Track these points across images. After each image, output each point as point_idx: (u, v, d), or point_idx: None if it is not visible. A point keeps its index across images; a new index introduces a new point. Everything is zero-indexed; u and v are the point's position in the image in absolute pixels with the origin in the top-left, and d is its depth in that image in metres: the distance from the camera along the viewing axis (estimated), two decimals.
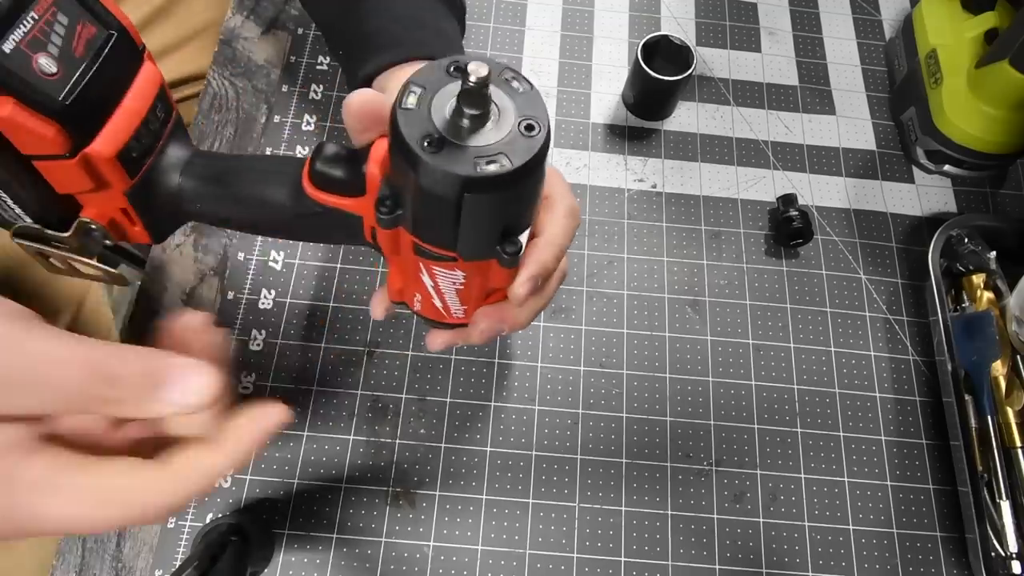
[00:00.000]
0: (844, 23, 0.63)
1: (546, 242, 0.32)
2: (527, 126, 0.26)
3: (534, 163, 0.26)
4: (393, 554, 0.43)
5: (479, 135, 0.26)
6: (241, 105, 0.56)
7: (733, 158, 0.56)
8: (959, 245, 0.50)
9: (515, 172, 0.25)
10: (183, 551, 0.42)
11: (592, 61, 0.60)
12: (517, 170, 0.25)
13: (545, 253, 0.32)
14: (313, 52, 0.58)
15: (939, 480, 0.47)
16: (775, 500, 0.46)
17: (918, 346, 0.51)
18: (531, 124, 0.26)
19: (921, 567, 0.45)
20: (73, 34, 0.27)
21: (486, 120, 0.26)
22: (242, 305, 0.49)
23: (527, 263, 0.31)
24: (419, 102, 0.26)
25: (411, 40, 0.40)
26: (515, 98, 0.27)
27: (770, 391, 0.49)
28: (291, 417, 0.27)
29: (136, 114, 0.29)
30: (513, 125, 0.26)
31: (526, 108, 0.27)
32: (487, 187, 0.25)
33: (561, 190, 0.35)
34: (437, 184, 0.25)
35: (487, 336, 0.34)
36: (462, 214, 0.26)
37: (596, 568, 0.44)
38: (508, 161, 0.25)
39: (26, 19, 0.25)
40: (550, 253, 0.32)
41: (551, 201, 0.34)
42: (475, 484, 0.45)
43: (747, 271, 0.52)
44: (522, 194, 0.27)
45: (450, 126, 0.26)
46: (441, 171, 0.25)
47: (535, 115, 0.26)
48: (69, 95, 0.27)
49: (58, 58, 0.26)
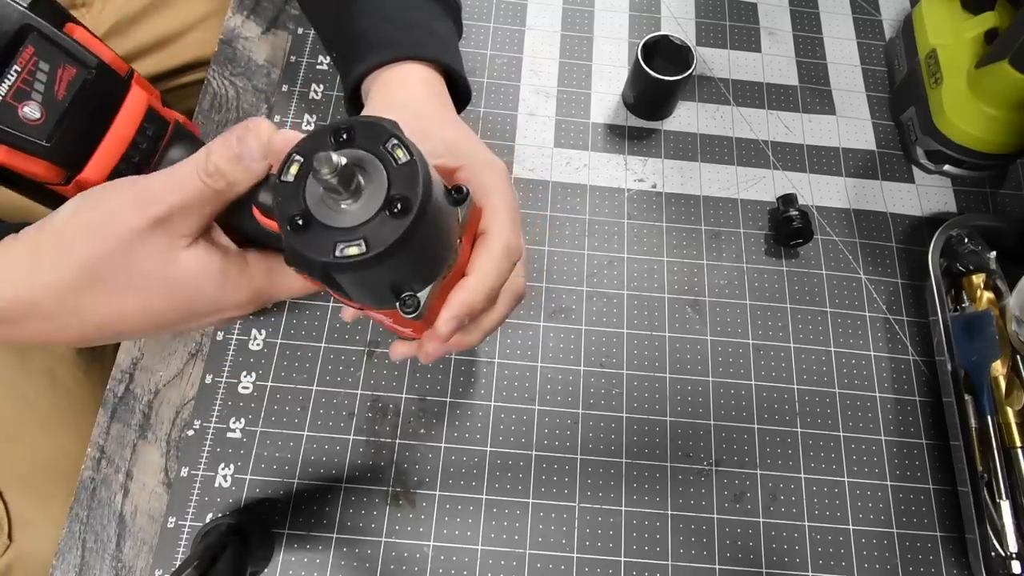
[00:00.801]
0: (844, 23, 0.63)
1: (474, 283, 0.31)
2: (396, 206, 0.25)
3: (398, 246, 0.25)
4: (393, 554, 0.43)
5: (345, 214, 0.25)
6: (241, 105, 0.56)
7: (733, 158, 0.56)
8: (959, 245, 0.50)
9: (375, 256, 0.25)
10: (183, 551, 0.42)
11: (592, 61, 0.60)
12: (377, 254, 0.25)
13: (471, 295, 0.31)
14: (313, 52, 0.58)
15: (939, 480, 0.47)
16: (775, 500, 0.46)
17: (918, 346, 0.51)
18: (400, 204, 0.25)
19: (921, 567, 0.45)
20: (54, 79, 0.29)
21: (355, 197, 0.25)
22: None
23: (450, 303, 0.31)
24: (297, 175, 0.26)
25: (402, 40, 0.40)
26: (392, 172, 0.26)
27: (770, 391, 0.49)
28: None
29: (123, 140, 0.31)
30: (381, 204, 0.25)
31: (400, 184, 0.25)
32: (348, 268, 0.25)
33: (500, 225, 0.33)
34: (304, 263, 0.26)
35: (434, 358, 0.34)
36: (339, 283, 0.26)
37: (596, 568, 0.44)
38: (365, 245, 0.25)
39: (10, 72, 0.28)
40: (477, 295, 0.31)
41: (487, 238, 0.32)
42: (475, 484, 0.45)
43: (747, 271, 0.52)
44: (397, 265, 0.26)
45: (320, 202, 0.25)
46: (301, 254, 0.25)
47: (407, 193, 0.25)
48: (52, 137, 0.29)
49: (42, 103, 0.29)
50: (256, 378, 0.47)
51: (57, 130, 0.29)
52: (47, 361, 0.54)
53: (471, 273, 0.32)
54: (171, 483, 0.44)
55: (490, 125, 0.56)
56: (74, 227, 0.28)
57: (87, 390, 0.56)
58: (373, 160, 0.26)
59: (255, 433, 0.45)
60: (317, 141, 0.27)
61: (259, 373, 0.47)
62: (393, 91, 0.39)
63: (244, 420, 0.46)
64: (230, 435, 0.45)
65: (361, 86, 0.41)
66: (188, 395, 0.46)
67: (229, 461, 0.45)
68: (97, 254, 0.28)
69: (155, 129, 0.32)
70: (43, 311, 0.29)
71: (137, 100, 0.32)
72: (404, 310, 0.28)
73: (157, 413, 0.46)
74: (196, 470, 0.44)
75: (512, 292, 0.35)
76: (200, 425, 0.45)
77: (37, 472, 0.52)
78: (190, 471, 0.44)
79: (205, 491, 0.44)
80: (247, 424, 0.46)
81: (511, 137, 0.56)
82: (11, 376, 0.52)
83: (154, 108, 0.33)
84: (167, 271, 0.29)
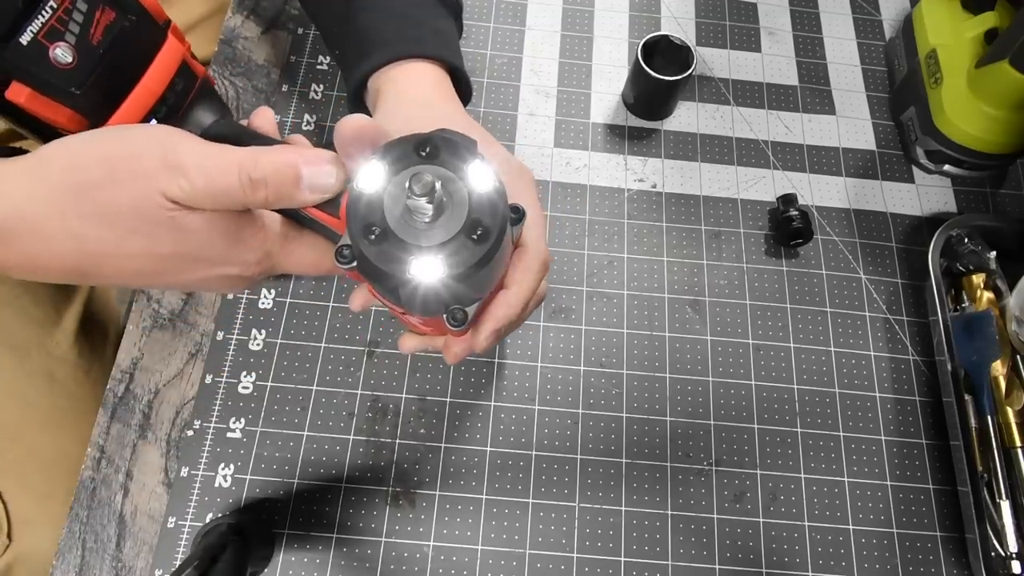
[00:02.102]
0: (844, 23, 0.63)
1: (514, 298, 0.32)
2: (477, 232, 0.25)
3: (473, 270, 0.25)
4: (393, 554, 0.43)
5: (425, 232, 0.25)
6: (241, 105, 0.56)
7: (733, 158, 0.56)
8: (959, 245, 0.50)
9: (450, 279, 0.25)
10: (183, 551, 0.42)
11: (592, 61, 0.60)
12: (453, 277, 0.25)
13: (511, 310, 0.31)
14: (313, 52, 0.58)
15: (939, 480, 0.47)
16: (775, 500, 0.46)
17: (918, 346, 0.51)
18: (481, 231, 0.25)
19: (921, 567, 0.45)
20: (91, 21, 0.27)
21: (437, 216, 0.25)
22: (242, 305, 0.49)
23: (493, 317, 0.31)
24: (378, 184, 0.26)
25: (406, 38, 0.40)
26: (475, 195, 0.26)
27: (770, 391, 0.49)
28: None
29: (152, 93, 0.29)
30: (462, 226, 0.25)
31: (481, 209, 0.26)
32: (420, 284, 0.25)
33: (536, 237, 0.33)
34: (375, 272, 0.26)
35: (461, 359, 0.34)
36: (401, 293, 0.26)
37: (596, 568, 0.44)
38: (443, 267, 0.25)
39: (45, 8, 0.25)
40: (515, 308, 0.32)
41: (525, 252, 0.32)
42: (475, 484, 0.45)
43: (747, 271, 0.52)
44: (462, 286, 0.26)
45: (399, 216, 0.25)
46: (375, 266, 0.25)
47: (488, 221, 0.25)
48: (83, 84, 0.27)
49: (75, 46, 0.26)
50: (256, 378, 0.47)
51: (88, 78, 0.27)
52: (47, 361, 0.54)
53: (511, 286, 0.32)
54: (171, 483, 0.44)
55: (490, 125, 0.56)
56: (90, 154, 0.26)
57: (87, 390, 0.56)
58: (455, 180, 0.26)
59: (255, 433, 0.45)
60: (400, 152, 0.26)
61: (259, 373, 0.47)
62: (404, 89, 0.39)
63: (244, 420, 0.46)
64: (230, 435, 0.45)
65: (366, 84, 0.41)
66: (188, 395, 0.46)
67: (229, 461, 0.45)
68: (109, 188, 0.26)
69: (184, 84, 0.31)
70: (41, 229, 0.26)
71: (172, 52, 0.30)
72: (452, 323, 0.28)
73: (157, 413, 0.46)
74: (196, 470, 0.44)
75: (537, 298, 0.35)
76: (200, 425, 0.45)
77: (37, 472, 0.52)
78: (190, 471, 0.44)
79: (205, 491, 0.44)
80: (247, 424, 0.46)
81: (511, 137, 0.56)
82: (11, 376, 0.52)
83: (187, 62, 0.31)
84: (178, 222, 0.27)
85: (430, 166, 0.26)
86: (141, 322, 0.48)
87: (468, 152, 0.27)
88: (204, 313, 0.49)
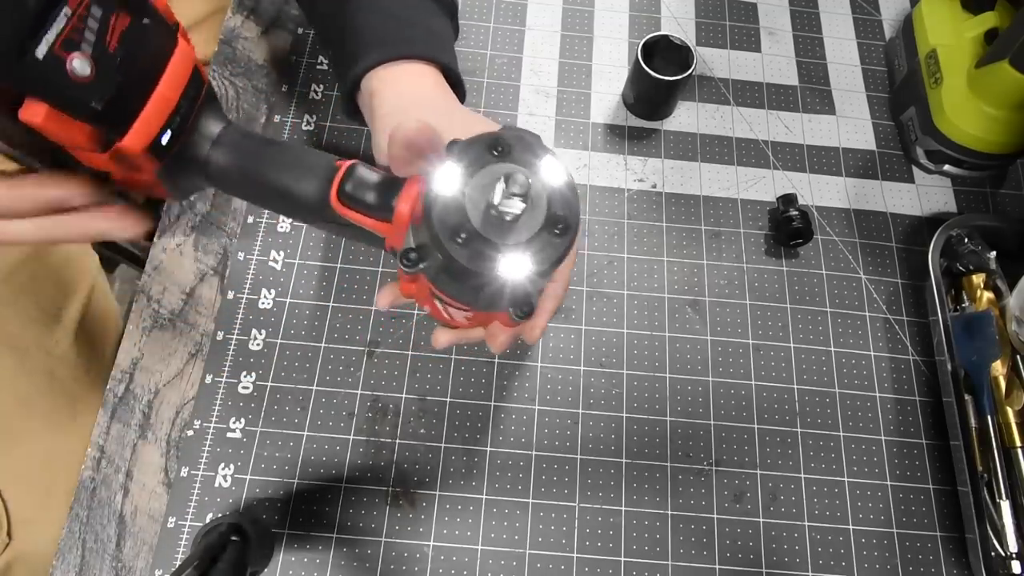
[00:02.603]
0: (844, 23, 0.63)
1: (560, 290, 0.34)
2: (559, 227, 0.26)
3: (556, 264, 0.26)
4: (393, 554, 0.43)
5: (510, 231, 0.26)
6: (241, 105, 0.56)
7: (733, 158, 0.56)
8: (959, 245, 0.50)
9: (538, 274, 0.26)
10: (183, 551, 0.42)
11: (592, 61, 0.60)
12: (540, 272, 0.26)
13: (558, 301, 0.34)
14: (313, 52, 0.58)
15: (939, 480, 0.47)
16: (775, 500, 0.46)
17: (918, 346, 0.51)
18: (562, 225, 0.26)
19: (921, 567, 0.45)
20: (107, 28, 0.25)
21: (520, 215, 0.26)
22: (242, 305, 0.49)
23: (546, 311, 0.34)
24: (456, 186, 0.26)
25: (400, 38, 0.40)
26: (551, 190, 0.26)
27: (770, 391, 0.49)
28: None
29: (168, 101, 0.28)
30: (543, 222, 0.26)
31: (559, 204, 0.26)
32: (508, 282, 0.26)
33: None
34: (463, 273, 0.26)
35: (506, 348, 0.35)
36: (481, 293, 0.27)
37: (596, 568, 0.44)
38: (531, 263, 0.25)
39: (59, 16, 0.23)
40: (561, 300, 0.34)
41: None
42: (475, 484, 0.45)
43: (747, 271, 0.52)
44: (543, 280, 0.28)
45: (483, 218, 0.26)
46: (465, 267, 0.25)
47: (566, 214, 0.26)
48: (103, 96, 0.25)
49: (92, 56, 0.24)
50: (256, 378, 0.47)
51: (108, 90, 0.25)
52: (47, 360, 0.54)
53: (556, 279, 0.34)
54: (171, 483, 0.44)
55: None
56: None
57: (87, 389, 0.56)
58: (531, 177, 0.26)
59: (255, 433, 0.45)
60: (474, 153, 0.27)
61: (259, 373, 0.47)
62: (403, 88, 0.39)
63: (244, 420, 0.46)
64: (230, 435, 0.45)
65: (360, 84, 0.41)
66: (188, 395, 0.46)
67: (229, 461, 0.45)
68: None
69: (194, 91, 0.29)
70: None
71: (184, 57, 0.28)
72: (518, 316, 0.28)
73: (157, 413, 0.46)
74: (196, 470, 0.44)
75: None
76: (200, 425, 0.45)
77: (36, 471, 0.52)
78: (190, 471, 0.44)
79: (205, 491, 0.44)
80: (247, 424, 0.46)
81: None
82: (11, 376, 0.52)
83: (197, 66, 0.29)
84: None
85: (512, 164, 0.26)
86: (141, 322, 0.48)
87: (539, 148, 0.27)
88: (204, 313, 0.49)
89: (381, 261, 0.51)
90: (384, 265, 0.51)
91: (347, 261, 0.51)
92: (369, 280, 0.50)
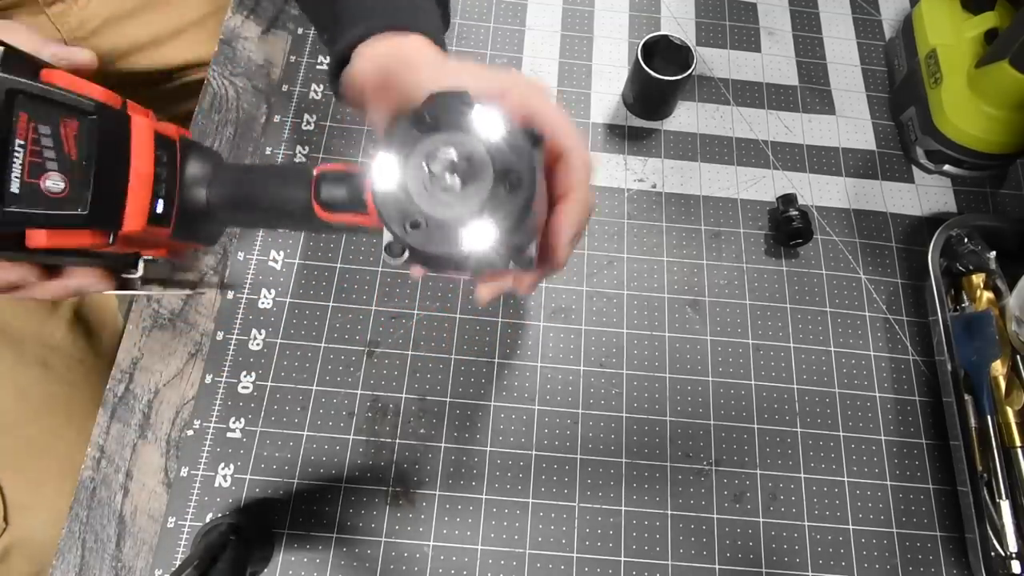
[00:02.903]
0: (844, 23, 0.63)
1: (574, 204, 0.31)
2: (509, 182, 0.25)
3: (521, 220, 0.25)
4: (393, 554, 0.43)
5: (459, 202, 0.25)
6: (241, 105, 0.56)
7: (733, 158, 0.56)
8: (959, 245, 0.50)
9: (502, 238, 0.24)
10: (183, 551, 0.42)
11: (592, 61, 0.60)
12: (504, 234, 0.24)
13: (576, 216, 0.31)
14: (313, 52, 0.58)
15: (939, 480, 0.47)
16: (775, 500, 0.46)
17: (918, 346, 0.51)
18: (513, 178, 0.25)
19: (921, 567, 0.45)
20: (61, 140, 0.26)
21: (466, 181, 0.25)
22: (242, 305, 0.49)
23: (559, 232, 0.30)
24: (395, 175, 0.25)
25: (385, 11, 0.39)
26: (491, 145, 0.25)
27: (770, 391, 0.49)
28: None
29: (146, 177, 0.29)
30: (492, 181, 0.25)
31: (504, 156, 0.25)
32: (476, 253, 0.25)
33: (572, 146, 0.32)
34: (430, 258, 0.25)
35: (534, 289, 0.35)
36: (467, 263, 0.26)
37: (596, 568, 0.44)
38: (492, 228, 0.24)
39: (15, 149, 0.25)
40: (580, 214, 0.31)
41: (567, 162, 0.31)
42: (475, 484, 0.45)
43: (747, 271, 0.52)
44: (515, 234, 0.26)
45: (429, 197, 0.25)
46: (426, 251, 0.25)
47: (516, 165, 0.25)
48: (87, 202, 0.26)
49: (60, 170, 0.26)
50: (256, 378, 0.47)
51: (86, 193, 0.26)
52: (42, 350, 0.55)
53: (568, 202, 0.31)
54: (171, 483, 0.44)
55: None
56: None
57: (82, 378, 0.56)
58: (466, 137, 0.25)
59: (255, 433, 0.45)
60: (401, 135, 0.26)
61: (259, 373, 0.47)
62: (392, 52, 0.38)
63: (244, 420, 0.46)
64: (230, 435, 0.45)
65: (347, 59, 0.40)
66: (188, 395, 0.46)
67: (229, 461, 0.45)
68: None
69: (167, 153, 0.30)
70: None
71: (142, 129, 0.29)
72: (520, 263, 0.27)
73: (157, 413, 0.46)
74: (196, 470, 0.44)
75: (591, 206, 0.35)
76: (200, 425, 0.45)
77: (31, 458, 0.52)
78: (190, 471, 0.44)
79: (205, 491, 0.44)
80: (247, 424, 0.46)
81: None
82: (6, 365, 0.52)
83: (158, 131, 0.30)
84: None
85: (436, 135, 0.25)
86: (141, 322, 0.48)
87: (464, 104, 0.26)
88: (204, 313, 0.49)
89: (381, 261, 0.51)
90: (384, 265, 0.51)
91: (347, 261, 0.51)
92: (369, 280, 0.50)
